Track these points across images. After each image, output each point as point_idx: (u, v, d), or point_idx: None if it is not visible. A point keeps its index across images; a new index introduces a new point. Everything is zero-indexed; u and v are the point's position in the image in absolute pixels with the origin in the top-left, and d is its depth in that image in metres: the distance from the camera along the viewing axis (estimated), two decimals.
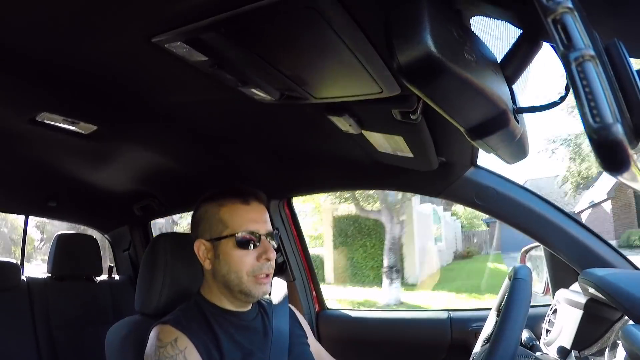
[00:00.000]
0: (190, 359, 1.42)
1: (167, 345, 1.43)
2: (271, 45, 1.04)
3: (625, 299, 1.34)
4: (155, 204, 3.17)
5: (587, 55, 0.45)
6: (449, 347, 2.34)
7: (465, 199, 2.07)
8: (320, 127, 1.62)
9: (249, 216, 1.59)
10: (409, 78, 0.72)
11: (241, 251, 1.54)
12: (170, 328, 1.48)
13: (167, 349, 1.42)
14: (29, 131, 1.79)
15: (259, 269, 1.55)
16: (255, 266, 1.54)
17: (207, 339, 1.50)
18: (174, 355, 1.41)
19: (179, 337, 1.45)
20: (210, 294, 1.63)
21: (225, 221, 1.57)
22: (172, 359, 1.40)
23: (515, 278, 1.33)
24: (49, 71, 1.33)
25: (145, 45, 1.07)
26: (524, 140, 1.02)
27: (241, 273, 1.54)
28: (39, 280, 3.23)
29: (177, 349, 1.42)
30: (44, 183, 2.86)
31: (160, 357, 1.41)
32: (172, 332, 1.46)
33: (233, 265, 1.54)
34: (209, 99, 1.49)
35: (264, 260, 1.55)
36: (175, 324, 1.49)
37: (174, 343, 1.43)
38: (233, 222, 1.57)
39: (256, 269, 1.54)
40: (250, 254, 1.55)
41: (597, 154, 0.45)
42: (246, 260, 1.54)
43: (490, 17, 0.90)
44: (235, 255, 1.54)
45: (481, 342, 1.69)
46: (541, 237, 1.95)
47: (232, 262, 1.55)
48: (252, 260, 1.54)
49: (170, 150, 2.21)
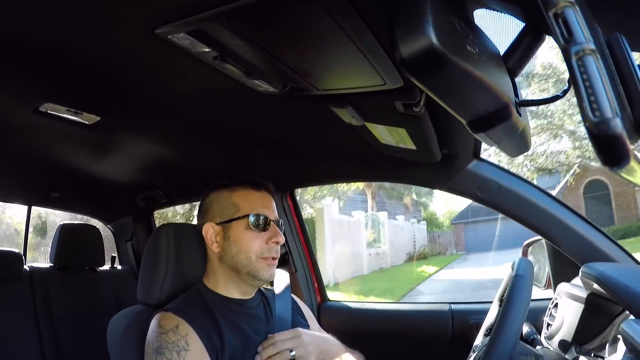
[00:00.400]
0: (191, 345, 1.43)
1: (168, 331, 1.45)
2: (275, 37, 1.05)
3: (627, 293, 1.34)
4: (158, 195, 3.17)
5: (588, 49, 0.45)
6: (450, 340, 2.34)
7: (467, 192, 2.07)
8: (324, 119, 1.62)
9: (260, 201, 1.65)
10: (411, 70, 0.72)
11: (252, 232, 1.60)
12: (172, 315, 1.49)
13: (169, 335, 1.44)
14: (33, 122, 1.79)
15: (268, 251, 1.60)
16: (265, 248, 1.60)
17: (209, 325, 1.51)
18: (175, 341, 1.42)
19: (180, 323, 1.46)
20: (213, 282, 1.66)
21: (237, 204, 1.63)
22: (173, 344, 1.42)
23: (515, 274, 1.33)
24: (53, 62, 1.33)
25: (149, 36, 1.07)
26: (525, 134, 1.02)
27: (250, 254, 1.58)
28: (41, 270, 3.24)
29: (179, 334, 1.44)
30: (47, 173, 2.86)
31: (162, 343, 1.42)
32: (174, 319, 1.48)
33: (243, 246, 1.59)
34: (212, 90, 1.49)
35: (273, 244, 1.61)
36: (176, 311, 1.51)
37: (175, 329, 1.45)
38: (245, 205, 1.62)
39: (265, 251, 1.60)
40: (260, 236, 1.60)
41: (597, 148, 0.45)
42: (256, 242, 1.59)
43: (493, 10, 0.90)
44: (247, 236, 1.60)
45: (482, 333, 1.69)
46: (543, 231, 1.95)
47: (242, 243, 1.59)
48: (261, 243, 1.60)
49: (173, 141, 2.21)
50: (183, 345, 1.42)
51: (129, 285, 3.53)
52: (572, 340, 1.62)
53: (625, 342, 1.21)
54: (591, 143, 0.45)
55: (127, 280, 3.62)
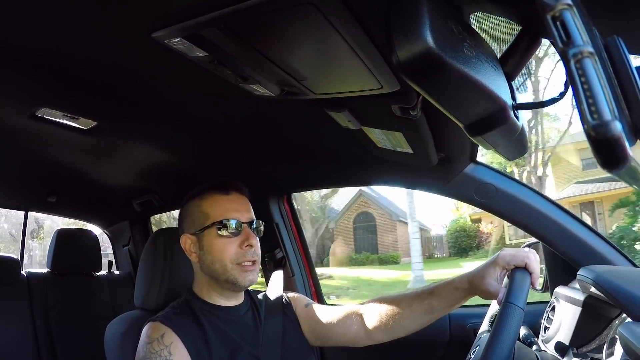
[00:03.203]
0: (175, 354, 1.43)
1: (153, 341, 1.45)
2: (271, 42, 1.04)
3: (624, 296, 1.34)
4: (155, 200, 3.17)
5: (586, 52, 0.45)
6: (448, 344, 2.34)
7: (464, 196, 2.07)
8: (320, 123, 1.62)
9: (229, 205, 1.62)
10: (408, 74, 0.72)
11: (223, 239, 1.57)
12: (159, 324, 1.50)
13: (153, 345, 1.44)
14: (29, 126, 1.79)
15: (243, 255, 1.57)
16: (239, 253, 1.57)
17: (195, 334, 1.51)
18: (158, 351, 1.42)
19: (166, 332, 1.47)
20: (200, 290, 1.65)
21: (206, 212, 1.60)
22: (157, 354, 1.42)
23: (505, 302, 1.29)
24: (50, 66, 1.33)
25: (146, 40, 1.07)
26: (522, 137, 1.02)
27: (225, 261, 1.56)
28: (38, 276, 3.24)
29: (163, 344, 1.44)
30: (44, 179, 2.86)
31: (147, 353, 1.43)
32: (160, 328, 1.48)
33: (217, 254, 1.57)
34: (208, 94, 1.49)
35: (247, 248, 1.57)
36: (164, 320, 1.51)
37: (160, 339, 1.45)
38: (214, 212, 1.60)
39: (240, 257, 1.57)
40: (232, 242, 1.57)
41: (595, 151, 0.45)
42: (229, 248, 1.56)
43: (490, 13, 0.90)
44: (219, 243, 1.57)
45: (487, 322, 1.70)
46: (540, 234, 1.95)
47: (215, 252, 1.57)
48: (234, 248, 1.57)
49: (170, 146, 2.21)
50: (166, 355, 1.42)
51: (126, 290, 3.53)
52: (570, 343, 1.62)
53: (623, 345, 1.21)
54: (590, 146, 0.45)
55: (125, 286, 3.63)
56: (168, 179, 2.79)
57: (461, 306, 1.62)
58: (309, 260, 2.88)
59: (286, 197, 2.84)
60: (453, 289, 1.55)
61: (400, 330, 1.64)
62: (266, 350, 1.61)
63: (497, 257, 1.45)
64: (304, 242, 2.88)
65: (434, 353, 2.37)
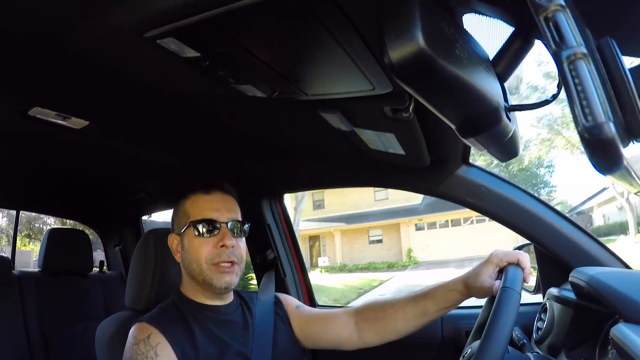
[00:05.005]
0: (161, 355, 1.42)
1: (140, 342, 1.44)
2: (263, 43, 1.04)
3: (616, 297, 1.34)
4: (146, 200, 3.16)
5: (579, 54, 0.45)
6: (440, 345, 2.34)
7: (456, 197, 2.07)
8: (313, 123, 1.62)
9: (208, 205, 1.60)
10: (400, 75, 0.72)
11: (199, 239, 1.56)
12: (146, 325, 1.49)
13: (139, 346, 1.43)
14: (21, 126, 1.78)
15: (218, 256, 1.55)
16: (214, 254, 1.55)
17: (182, 334, 1.50)
18: (145, 352, 1.41)
19: (152, 333, 1.46)
20: (187, 290, 1.64)
21: (187, 212, 1.61)
22: (143, 355, 1.41)
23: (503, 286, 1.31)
24: (42, 66, 1.32)
25: (138, 40, 1.06)
26: (515, 139, 1.02)
27: (200, 261, 1.55)
28: (30, 275, 3.22)
29: (149, 345, 1.43)
30: (35, 178, 2.84)
31: (133, 354, 1.42)
32: (147, 329, 1.47)
33: (194, 254, 1.56)
34: (201, 94, 1.48)
35: (223, 248, 1.55)
36: (150, 321, 1.50)
37: (146, 340, 1.44)
38: (194, 211, 1.59)
39: (215, 257, 1.55)
40: (208, 242, 1.56)
41: (589, 153, 0.45)
42: (204, 248, 1.55)
43: (483, 15, 0.90)
44: (195, 243, 1.57)
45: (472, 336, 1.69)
46: (532, 235, 1.95)
47: (192, 251, 1.57)
48: (210, 248, 1.55)
49: (162, 146, 2.20)
50: (152, 356, 1.41)
51: (117, 290, 3.53)
52: (562, 344, 1.62)
53: (615, 347, 1.21)
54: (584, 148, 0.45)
55: (116, 285, 3.62)
56: (160, 179, 2.78)
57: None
58: (301, 262, 2.87)
59: (278, 198, 2.84)
60: (447, 291, 1.56)
61: (393, 334, 1.65)
62: (257, 349, 1.59)
63: (490, 256, 1.48)
64: (295, 243, 2.87)
65: (425, 355, 2.36)
